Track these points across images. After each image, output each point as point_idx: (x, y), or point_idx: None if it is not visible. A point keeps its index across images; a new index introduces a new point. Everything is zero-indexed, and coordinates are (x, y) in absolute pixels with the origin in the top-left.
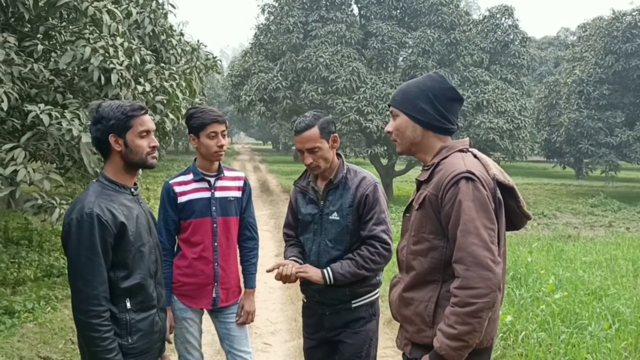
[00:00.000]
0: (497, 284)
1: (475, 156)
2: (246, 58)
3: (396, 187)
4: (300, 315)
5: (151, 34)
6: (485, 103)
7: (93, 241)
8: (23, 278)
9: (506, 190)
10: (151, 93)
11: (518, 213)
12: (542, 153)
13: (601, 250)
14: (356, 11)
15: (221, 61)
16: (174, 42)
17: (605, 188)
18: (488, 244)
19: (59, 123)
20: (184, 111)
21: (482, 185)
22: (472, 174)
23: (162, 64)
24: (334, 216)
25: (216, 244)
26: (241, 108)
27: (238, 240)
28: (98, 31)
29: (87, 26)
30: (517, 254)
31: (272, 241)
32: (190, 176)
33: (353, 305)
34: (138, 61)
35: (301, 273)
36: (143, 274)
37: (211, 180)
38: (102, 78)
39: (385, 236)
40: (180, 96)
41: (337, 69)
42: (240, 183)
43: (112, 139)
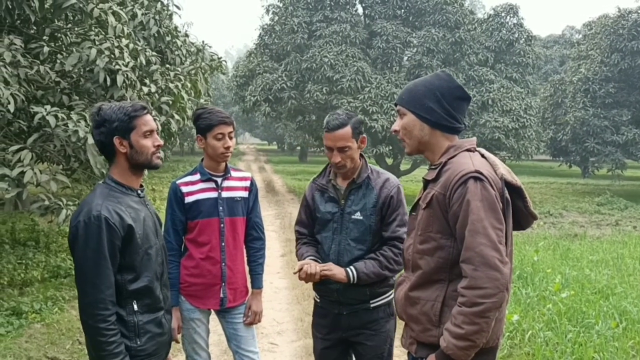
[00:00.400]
0: (505, 284)
1: (482, 156)
2: (251, 59)
3: None
4: (306, 315)
5: (156, 35)
6: (490, 102)
7: (101, 244)
8: (30, 279)
9: (514, 190)
10: (156, 94)
11: (525, 213)
12: (548, 152)
13: (608, 248)
14: (360, 11)
15: (226, 62)
16: (179, 43)
17: (611, 186)
18: (496, 244)
19: (65, 124)
20: (190, 112)
21: (491, 185)
22: (481, 174)
23: (168, 65)
24: (357, 216)
25: (223, 244)
26: (246, 108)
27: (245, 240)
28: (103, 33)
29: (93, 28)
30: (524, 253)
31: (278, 241)
32: (197, 176)
33: (372, 305)
34: (143, 62)
35: (325, 271)
36: (150, 277)
37: (218, 180)
38: (108, 79)
39: None
40: (185, 97)
41: (342, 69)
42: (246, 183)
43: (117, 141)
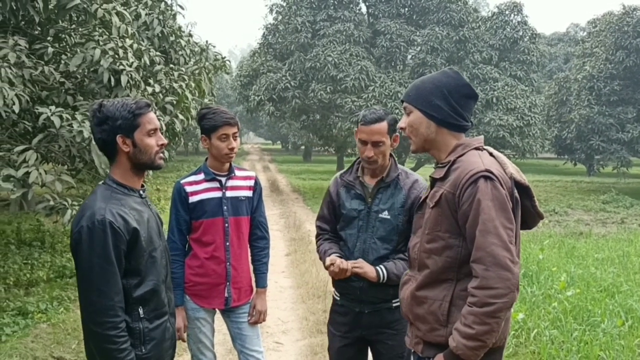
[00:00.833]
0: (516, 284)
1: (491, 154)
2: (255, 58)
3: None
4: (311, 314)
5: (160, 35)
6: (495, 100)
7: (106, 250)
8: (36, 279)
9: (522, 189)
10: (161, 94)
11: (532, 212)
12: (553, 150)
13: (613, 247)
14: (364, 10)
15: (230, 61)
16: (183, 43)
17: (617, 184)
18: (507, 244)
19: (70, 125)
20: (194, 112)
21: (501, 184)
22: (491, 173)
23: (171, 65)
24: (385, 215)
25: (228, 244)
26: (250, 108)
27: (249, 239)
28: (107, 33)
29: (97, 28)
30: (529, 252)
31: (282, 240)
32: (201, 176)
33: (394, 304)
34: (147, 62)
35: (357, 268)
36: (156, 280)
37: (222, 179)
38: (112, 80)
39: None
40: (189, 97)
41: (346, 68)
42: (251, 182)
43: (120, 140)
